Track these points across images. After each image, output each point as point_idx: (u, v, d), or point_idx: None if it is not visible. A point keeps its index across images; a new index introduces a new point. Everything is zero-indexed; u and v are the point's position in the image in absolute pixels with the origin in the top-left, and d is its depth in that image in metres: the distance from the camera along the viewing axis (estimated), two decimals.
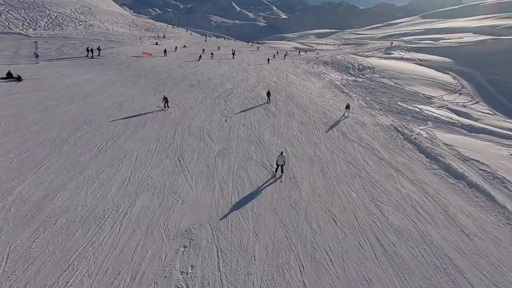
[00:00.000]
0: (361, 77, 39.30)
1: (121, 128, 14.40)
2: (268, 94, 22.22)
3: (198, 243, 7.61)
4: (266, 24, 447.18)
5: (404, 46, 66.59)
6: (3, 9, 51.07)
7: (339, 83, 34.53)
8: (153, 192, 9.63)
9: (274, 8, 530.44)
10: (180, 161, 11.90)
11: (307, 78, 35.58)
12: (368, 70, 43.02)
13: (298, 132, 16.84)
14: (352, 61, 50.36)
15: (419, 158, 14.76)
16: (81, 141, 12.44)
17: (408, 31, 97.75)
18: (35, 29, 46.20)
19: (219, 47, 56.52)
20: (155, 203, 9.06)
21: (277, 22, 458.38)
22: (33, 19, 49.83)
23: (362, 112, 22.09)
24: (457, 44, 61.17)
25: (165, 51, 37.05)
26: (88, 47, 29.60)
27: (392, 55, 59.55)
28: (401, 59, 55.32)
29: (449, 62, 49.55)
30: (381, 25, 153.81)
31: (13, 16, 48.99)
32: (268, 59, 45.80)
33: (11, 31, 42.05)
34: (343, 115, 20.73)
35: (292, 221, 8.92)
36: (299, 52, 64.82)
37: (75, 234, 7.37)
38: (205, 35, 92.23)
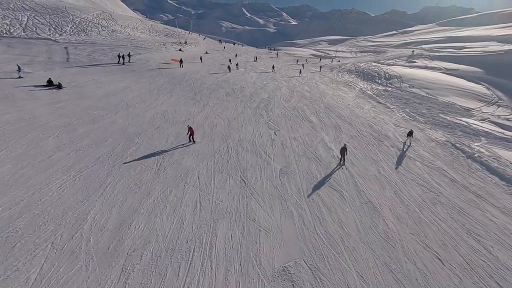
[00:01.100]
0: (390, 87, 38.14)
1: (173, 142, 13.68)
2: (343, 151, 13.36)
3: (302, 287, 6.66)
4: (276, 30, 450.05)
5: (427, 55, 65.19)
6: (29, 14, 52.08)
7: (370, 92, 33.44)
8: (230, 218, 8.76)
9: (284, 14, 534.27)
10: (244, 181, 11.03)
11: (337, 87, 34.62)
12: (396, 79, 41.84)
13: (352, 148, 15.82)
14: (376, 69, 49.28)
15: (493, 181, 13.53)
16: (138, 157, 11.73)
17: (427, 39, 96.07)
18: (61, 35, 46.78)
19: (236, 55, 56.26)
20: (237, 233, 8.17)
21: (287, 29, 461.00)
22: (58, 25, 50.57)
23: (409, 126, 20.95)
24: (484, 53, 59.39)
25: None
26: (119, 54, 29.42)
27: (415, 64, 58.30)
28: (426, 67, 53.96)
29: (478, 71, 47.88)
30: (396, 32, 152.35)
31: (39, 21, 49.85)
32: (300, 71, 44.01)
33: (39, 36, 42.67)
34: (405, 143, 17.10)
35: (392, 259, 7.88)
36: (320, 59, 63.94)
37: (166, 273, 6.51)
38: (221, 41, 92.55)
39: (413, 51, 70.35)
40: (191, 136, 13.62)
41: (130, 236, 7.45)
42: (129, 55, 29.84)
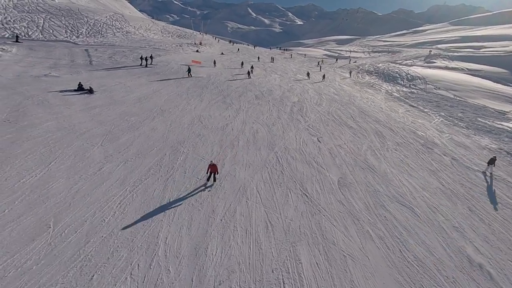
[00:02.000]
0: (414, 88, 36.94)
1: (217, 150, 12.93)
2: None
3: None
4: (281, 30, 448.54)
5: (445, 55, 63.57)
6: (44, 16, 52.09)
7: (397, 95, 32.34)
8: (307, 241, 7.94)
9: (290, 14, 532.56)
10: (306, 195, 10.20)
11: (362, 89, 33.60)
12: (419, 81, 40.57)
13: (403, 156, 14.89)
14: (396, 70, 48.01)
15: None
16: (188, 168, 11.00)
17: (441, 39, 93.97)
18: (78, 37, 46.61)
19: (258, 58, 55.37)
20: (321, 259, 7.34)
21: (292, 28, 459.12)
22: (74, 27, 50.44)
23: (451, 131, 19.90)
24: (506, 53, 57.58)
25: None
26: (141, 56, 28.86)
27: (435, 64, 56.82)
28: (446, 68, 52.56)
29: (503, 72, 46.32)
30: (407, 32, 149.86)
31: (55, 23, 49.78)
32: (324, 76, 42.65)
33: (57, 38, 42.51)
34: (485, 172, 13.75)
35: None
36: (336, 60, 62.81)
37: None
38: (232, 42, 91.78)
39: (430, 51, 68.68)
40: (213, 175, 10.06)
41: (210, 264, 6.68)
42: (151, 57, 29.25)
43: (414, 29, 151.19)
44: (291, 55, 67.58)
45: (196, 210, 8.60)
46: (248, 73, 31.03)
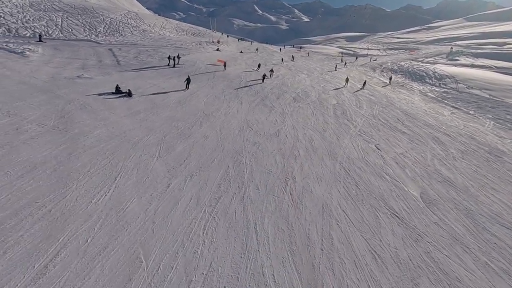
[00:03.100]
0: (445, 88, 35.40)
1: (281, 160, 11.89)
2: None
3: None
4: (288, 27, 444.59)
5: (468, 52, 61.39)
6: (61, 15, 51.59)
7: (432, 95, 30.90)
8: (427, 277, 6.82)
9: (296, 11, 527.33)
10: (397, 216, 9.11)
11: (395, 90, 32.21)
12: (449, 80, 38.96)
13: (475, 166, 13.65)
14: (422, 68, 46.34)
15: None
16: (259, 183, 9.97)
17: (459, 35, 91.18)
18: (97, 35, 45.97)
19: (282, 59, 54.02)
20: None
21: (299, 25, 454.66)
22: (91, 25, 49.80)
23: (509, 135, 18.54)
24: None
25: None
26: (169, 56, 27.91)
27: (459, 62, 54.87)
28: (472, 66, 50.61)
29: None
30: (420, 28, 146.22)
31: (72, 22, 49.17)
32: (365, 83, 41.71)
33: (77, 37, 41.87)
34: None
35: None
36: (356, 58, 61.13)
37: None
38: (241, 39, 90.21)
39: (451, 48, 66.46)
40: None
41: None
42: (178, 57, 28.28)
43: (428, 25, 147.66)
44: (308, 53, 66.03)
45: (290, 237, 7.59)
46: (264, 77, 26.67)
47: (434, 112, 22.91)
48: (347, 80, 30.76)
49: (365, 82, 31.54)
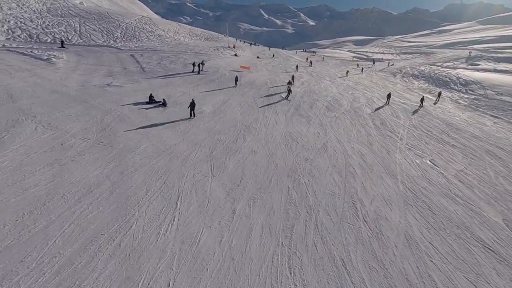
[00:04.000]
0: (473, 94, 34.10)
1: (339, 179, 10.97)
2: None
3: None
4: (294, 31, 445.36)
5: (488, 56, 59.82)
6: (78, 20, 51.86)
7: (464, 102, 29.69)
8: None
9: (302, 15, 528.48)
10: (492, 251, 8.14)
11: (421, 96, 31.10)
12: (475, 86, 37.63)
13: None
14: (445, 74, 45.05)
15: None
16: (328, 208, 9.06)
17: (476, 39, 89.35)
18: (115, 41, 45.90)
19: (296, 66, 53.41)
20: None
21: (305, 29, 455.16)
22: (108, 31, 49.85)
23: None
24: None
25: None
26: (193, 62, 27.37)
27: (480, 66, 53.36)
28: (495, 71, 49.09)
29: None
30: (430, 31, 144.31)
31: (90, 27, 49.32)
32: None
33: (96, 43, 41.79)
34: None
35: None
36: (373, 62, 60.05)
37: None
38: (252, 43, 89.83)
39: (470, 52, 64.88)
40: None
41: None
42: (202, 64, 27.72)
43: (439, 28, 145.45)
44: (323, 58, 65.13)
45: (387, 279, 6.66)
46: (289, 91, 22.29)
47: (475, 122, 21.75)
48: (389, 96, 24.90)
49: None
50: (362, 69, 50.40)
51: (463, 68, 52.65)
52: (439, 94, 30.07)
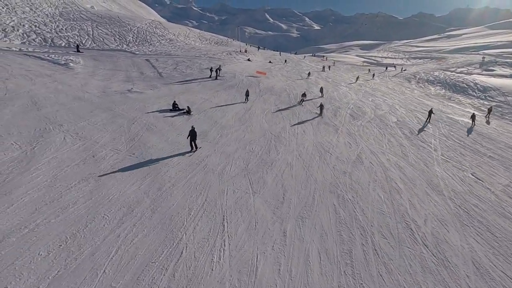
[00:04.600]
0: (493, 100, 33.22)
1: (385, 196, 10.25)
2: None
3: None
4: (299, 35, 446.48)
5: (503, 62, 58.74)
6: (90, 24, 52.12)
7: (486, 110, 28.82)
8: None
9: (307, 19, 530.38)
10: None
11: (442, 103, 30.31)
12: (494, 92, 36.70)
13: None
14: (461, 80, 44.12)
15: None
16: (383, 230, 8.37)
17: (487, 44, 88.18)
18: (128, 45, 45.90)
19: (308, 74, 52.93)
20: None
21: (310, 33, 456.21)
22: (121, 35, 49.96)
23: None
24: None
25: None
26: (211, 68, 27.01)
27: (495, 72, 52.34)
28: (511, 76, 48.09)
29: None
30: (439, 36, 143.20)
31: (103, 31, 49.48)
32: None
33: (110, 47, 41.77)
34: None
35: None
36: (386, 68, 59.28)
37: None
38: (260, 48, 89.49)
39: (483, 58, 63.83)
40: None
41: None
42: (219, 69, 27.34)
43: (448, 33, 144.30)
44: (334, 62, 64.55)
45: None
46: (321, 108, 19.71)
47: (505, 131, 20.89)
48: (430, 113, 20.97)
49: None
50: (374, 74, 49.54)
51: (478, 73, 51.66)
52: (490, 110, 24.70)
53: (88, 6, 69.70)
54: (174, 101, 16.70)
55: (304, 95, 22.51)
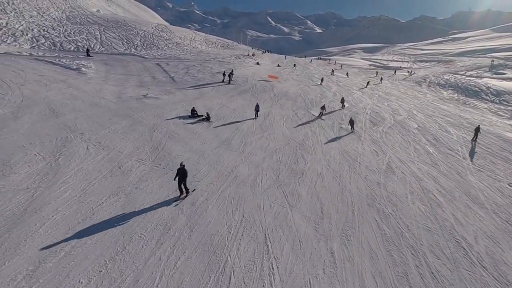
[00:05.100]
0: (508, 105, 32.62)
1: (426, 210, 9.72)
2: None
3: None
4: (301, 38, 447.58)
5: None
6: (97, 28, 52.08)
7: (505, 114, 28.18)
8: None
9: (309, 22, 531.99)
10: None
11: (458, 107, 29.73)
12: (508, 96, 36.12)
13: None
14: (473, 83, 43.51)
15: None
16: (435, 250, 7.78)
17: (494, 47, 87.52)
18: (136, 49, 45.74)
19: (322, 80, 52.48)
20: None
21: (312, 36, 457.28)
22: (128, 39, 49.80)
23: None
24: None
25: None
26: (224, 72, 26.64)
27: (506, 75, 51.70)
28: None
29: None
30: (443, 39, 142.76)
31: (110, 35, 49.36)
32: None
33: (118, 51, 41.58)
34: None
35: None
36: (395, 71, 58.72)
37: None
38: (265, 51, 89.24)
39: (492, 61, 63.20)
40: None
41: None
42: (232, 73, 26.95)
43: (453, 36, 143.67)
44: (341, 66, 64.11)
45: None
46: (351, 123, 17.39)
47: None
48: (477, 131, 18.02)
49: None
50: (381, 78, 48.70)
51: (489, 77, 51.06)
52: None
53: (94, 10, 69.84)
54: (193, 108, 16.25)
55: (323, 108, 20.32)
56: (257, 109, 17.71)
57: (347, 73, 47.09)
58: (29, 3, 55.49)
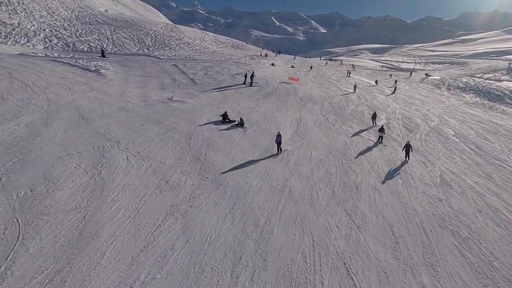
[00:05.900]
0: None
1: (506, 234, 8.84)
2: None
3: None
4: (305, 38, 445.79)
5: None
6: (108, 28, 51.48)
7: None
8: None
9: (313, 22, 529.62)
10: None
11: (487, 112, 28.65)
12: None
13: None
14: (494, 87, 42.33)
15: None
16: None
17: (508, 49, 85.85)
18: (148, 49, 45.07)
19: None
20: None
21: (316, 36, 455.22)
22: (139, 39, 49.10)
23: None
24: None
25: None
26: (245, 74, 25.82)
27: None
28: None
29: None
30: (452, 40, 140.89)
31: (121, 35, 48.69)
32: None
33: (131, 51, 40.90)
34: None
35: None
36: (411, 73, 57.56)
37: None
38: (280, 53, 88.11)
39: (509, 63, 61.79)
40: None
41: None
42: (253, 75, 26.11)
43: (463, 37, 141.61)
44: (353, 66, 63.01)
45: None
46: (407, 148, 13.48)
47: None
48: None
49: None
50: (396, 81, 47.00)
51: (508, 80, 49.79)
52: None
53: (102, 9, 69.33)
54: (225, 112, 15.42)
55: (382, 130, 15.76)
56: (278, 141, 12.48)
57: (376, 81, 41.80)
58: (39, 3, 54.97)
